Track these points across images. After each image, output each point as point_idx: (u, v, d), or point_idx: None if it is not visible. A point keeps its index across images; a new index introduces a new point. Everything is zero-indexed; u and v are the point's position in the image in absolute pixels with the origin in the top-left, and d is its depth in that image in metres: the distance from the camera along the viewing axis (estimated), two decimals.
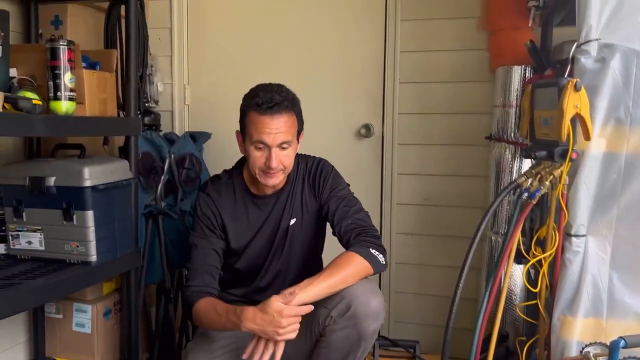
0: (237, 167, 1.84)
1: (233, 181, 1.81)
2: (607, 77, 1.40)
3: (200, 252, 1.73)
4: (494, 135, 2.19)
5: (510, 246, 1.54)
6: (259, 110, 1.62)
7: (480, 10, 2.36)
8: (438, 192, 2.50)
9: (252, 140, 1.65)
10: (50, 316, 2.10)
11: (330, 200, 1.75)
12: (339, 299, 1.54)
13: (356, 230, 1.67)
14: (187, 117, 2.78)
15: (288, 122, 1.66)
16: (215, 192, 1.78)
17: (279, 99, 1.63)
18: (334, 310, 1.54)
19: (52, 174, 1.70)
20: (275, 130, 1.63)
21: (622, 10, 1.40)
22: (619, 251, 1.46)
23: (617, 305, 1.45)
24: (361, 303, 1.52)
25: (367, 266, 1.58)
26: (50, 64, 1.63)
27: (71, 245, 1.73)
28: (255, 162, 1.67)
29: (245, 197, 1.79)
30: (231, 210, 1.78)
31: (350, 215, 1.71)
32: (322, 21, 2.59)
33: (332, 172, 1.80)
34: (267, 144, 1.63)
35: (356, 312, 1.52)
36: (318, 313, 1.56)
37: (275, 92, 1.65)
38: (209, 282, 1.70)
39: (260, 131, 1.63)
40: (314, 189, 1.79)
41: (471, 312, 2.34)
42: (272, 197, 1.79)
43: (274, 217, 1.79)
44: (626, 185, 1.43)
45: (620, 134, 1.42)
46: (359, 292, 1.54)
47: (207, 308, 1.62)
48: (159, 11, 2.70)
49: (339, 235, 1.71)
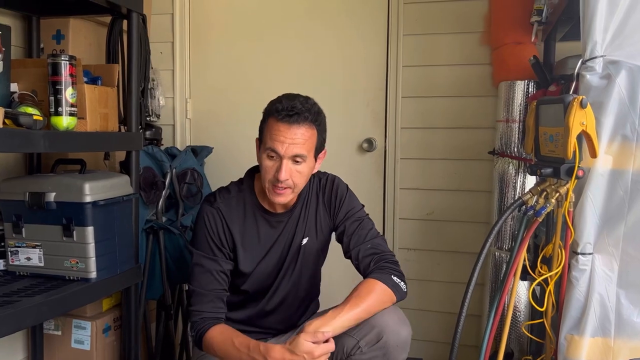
0: (247, 179, 1.72)
1: (243, 195, 1.69)
2: (613, 93, 1.39)
3: (208, 274, 1.62)
4: (497, 150, 2.18)
5: (516, 264, 1.52)
6: (278, 116, 1.54)
7: (483, 25, 2.36)
8: (441, 207, 2.49)
9: (265, 147, 1.57)
10: (49, 333, 2.07)
11: (346, 221, 1.68)
12: (369, 328, 1.50)
13: (376, 257, 1.61)
14: (189, 131, 2.78)
15: (305, 135, 1.55)
16: (225, 207, 1.66)
17: (301, 109, 1.54)
18: (362, 340, 1.51)
19: (52, 190, 1.69)
20: (290, 140, 1.53)
21: (627, 27, 1.39)
22: (626, 269, 1.43)
23: (625, 325, 1.42)
24: (392, 333, 1.49)
25: (391, 294, 1.55)
26: (51, 79, 1.62)
27: (71, 262, 1.71)
28: (265, 173, 1.58)
29: (257, 213, 1.68)
30: (241, 227, 1.67)
31: (369, 240, 1.65)
32: (324, 36, 2.59)
33: (348, 192, 1.73)
34: (278, 153, 1.54)
35: (387, 342, 1.49)
36: (342, 341, 1.52)
37: (299, 101, 1.56)
38: (219, 307, 1.61)
39: (274, 138, 1.54)
40: (329, 209, 1.72)
41: (475, 328, 2.31)
42: (285, 214, 1.70)
43: (286, 236, 1.70)
44: (633, 202, 1.41)
45: (627, 151, 1.40)
46: (390, 321, 1.51)
47: (222, 339, 1.53)
48: (161, 25, 2.71)
49: (355, 260, 1.64)
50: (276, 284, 1.73)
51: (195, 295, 1.62)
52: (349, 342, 1.52)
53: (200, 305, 1.60)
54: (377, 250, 1.64)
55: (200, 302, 1.60)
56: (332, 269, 1.95)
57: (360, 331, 1.51)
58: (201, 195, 2.29)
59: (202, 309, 1.60)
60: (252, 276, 1.71)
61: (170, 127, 2.75)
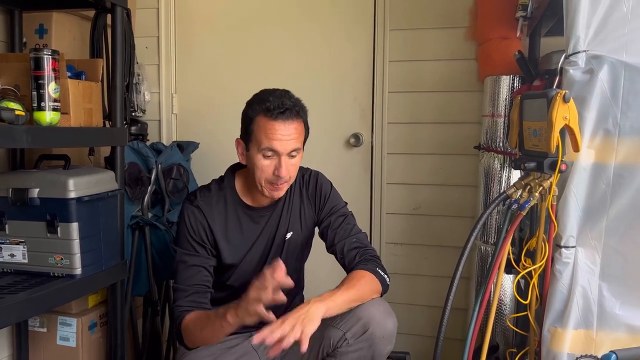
0: (228, 177, 1.72)
1: (224, 192, 1.69)
2: (595, 88, 1.40)
3: (189, 270, 1.62)
4: (482, 145, 2.19)
5: (501, 257, 1.53)
6: (270, 115, 1.53)
7: (469, 21, 2.37)
8: (427, 201, 2.50)
9: (261, 147, 1.55)
10: (34, 330, 2.06)
11: (331, 216, 1.71)
12: (355, 320, 1.50)
13: (361, 250, 1.64)
14: (175, 127, 2.76)
15: (298, 129, 1.58)
16: (205, 205, 1.66)
17: (290, 104, 1.56)
18: (349, 332, 1.51)
19: (35, 186, 1.67)
20: (287, 136, 1.55)
21: (609, 22, 1.40)
22: (608, 262, 1.45)
23: (607, 317, 1.44)
24: (378, 325, 1.50)
25: (378, 285, 1.57)
26: (34, 73, 1.61)
27: (55, 258, 1.70)
28: (262, 172, 1.57)
29: (238, 209, 1.69)
30: (223, 224, 1.67)
31: (353, 234, 1.68)
32: (311, 31, 2.59)
33: (332, 188, 1.76)
34: (277, 152, 1.55)
35: (373, 334, 1.49)
36: (328, 333, 1.52)
37: (285, 97, 1.57)
38: (200, 301, 1.60)
39: (271, 137, 1.54)
40: (314, 203, 1.73)
41: (461, 321, 2.33)
42: (268, 209, 1.70)
43: (269, 230, 1.71)
44: (615, 196, 1.42)
45: (609, 145, 1.41)
46: (376, 313, 1.51)
47: (196, 318, 1.55)
48: (147, 20, 2.68)
49: (340, 253, 1.66)
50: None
51: (178, 292, 1.63)
52: (335, 334, 1.52)
53: (181, 301, 1.61)
54: (361, 244, 1.67)
55: (181, 298, 1.61)
56: (317, 265, 1.95)
57: (346, 323, 1.51)
58: (187, 191, 2.28)
59: (183, 304, 1.60)
60: (237, 271, 1.72)
61: (156, 123, 2.73)
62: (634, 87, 1.38)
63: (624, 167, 1.41)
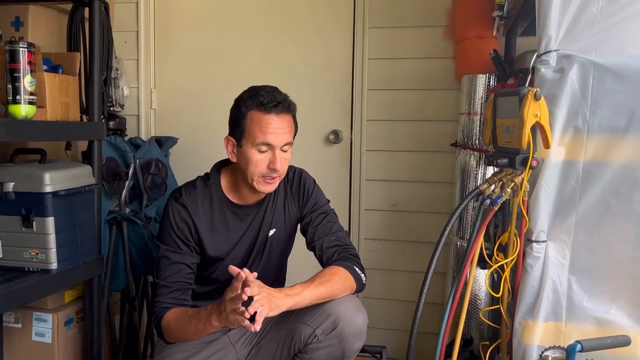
0: (214, 174, 1.71)
1: (210, 189, 1.68)
2: (566, 87, 1.43)
3: (173, 267, 1.62)
4: (459, 142, 2.23)
5: (473, 251, 1.56)
6: (264, 109, 1.55)
7: (447, 19, 2.40)
8: (405, 197, 2.53)
9: (256, 142, 1.56)
10: (9, 326, 2.03)
11: (313, 213, 1.72)
12: (325, 316, 1.51)
13: (340, 248, 1.66)
14: (154, 122, 2.75)
15: (290, 123, 1.61)
16: (190, 202, 1.65)
17: (281, 99, 1.58)
18: (318, 328, 1.52)
19: (10, 180, 1.66)
20: (281, 130, 1.57)
21: (579, 23, 1.44)
22: (577, 256, 1.49)
23: (576, 310, 1.48)
24: (348, 321, 1.51)
25: (352, 282, 1.59)
26: (9, 66, 1.59)
27: (30, 253, 1.68)
28: (256, 167, 1.57)
29: (224, 207, 1.68)
30: (208, 222, 1.67)
31: (334, 232, 1.69)
32: (290, 28, 2.60)
33: (315, 185, 1.78)
34: (272, 145, 1.56)
35: (343, 330, 1.50)
36: (299, 330, 1.54)
37: (276, 92, 1.60)
38: (181, 298, 1.61)
39: (265, 131, 1.55)
40: (297, 200, 1.75)
41: (437, 316, 2.35)
42: (254, 206, 1.71)
43: (254, 227, 1.72)
44: (584, 192, 1.46)
45: (578, 142, 1.45)
46: (345, 310, 1.52)
47: (177, 316, 1.56)
48: (126, 14, 2.67)
49: (319, 251, 1.67)
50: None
51: (160, 288, 1.63)
52: (305, 331, 1.53)
53: (162, 297, 1.61)
54: (340, 242, 1.68)
55: (163, 294, 1.61)
56: (297, 261, 1.96)
57: (316, 320, 1.52)
58: (165, 186, 2.28)
59: (164, 300, 1.60)
60: (222, 267, 1.71)
61: (135, 118, 2.72)
62: (603, 86, 1.42)
63: (593, 164, 1.45)
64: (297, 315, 1.56)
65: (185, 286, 1.63)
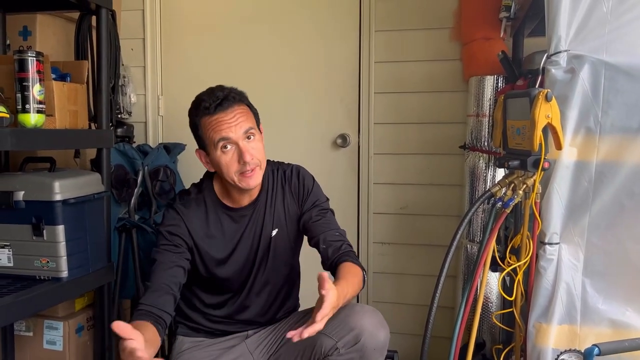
0: (206, 180, 1.72)
1: (203, 195, 1.68)
2: (577, 87, 1.42)
3: (160, 268, 1.57)
4: (468, 144, 2.22)
5: (486, 255, 1.55)
6: (209, 112, 1.56)
7: (453, 21, 2.39)
8: (414, 201, 2.52)
9: (215, 142, 1.56)
10: (20, 334, 2.04)
11: (313, 210, 1.70)
12: (347, 330, 1.49)
13: (345, 244, 1.64)
14: (161, 128, 2.75)
15: (243, 112, 1.58)
16: (184, 207, 1.65)
17: (223, 95, 1.58)
18: (340, 341, 1.49)
19: (20, 188, 1.66)
20: (234, 121, 1.56)
21: (589, 22, 1.43)
22: (591, 258, 1.47)
23: (590, 312, 1.46)
24: (370, 336, 1.49)
25: (361, 281, 1.58)
26: (18, 75, 1.60)
27: (41, 261, 1.69)
28: (229, 167, 1.57)
29: (219, 211, 1.68)
30: (203, 227, 1.66)
31: (335, 228, 1.68)
32: (296, 33, 2.60)
33: (314, 182, 1.76)
34: (231, 139, 1.55)
35: (365, 345, 1.48)
36: (320, 341, 1.51)
37: (217, 90, 1.59)
38: (158, 302, 1.50)
39: (218, 129, 1.55)
40: (297, 197, 1.73)
41: (449, 320, 2.35)
42: (248, 207, 1.70)
43: (253, 229, 1.70)
44: (597, 193, 1.45)
45: (590, 143, 1.44)
46: (369, 324, 1.50)
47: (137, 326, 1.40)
48: (132, 22, 2.68)
49: (323, 243, 1.64)
50: (252, 278, 1.72)
51: (147, 290, 1.57)
52: (327, 343, 1.51)
53: (144, 298, 1.53)
54: (344, 239, 1.67)
55: (145, 295, 1.54)
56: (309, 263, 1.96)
57: (338, 332, 1.50)
58: (174, 193, 2.28)
59: (145, 301, 1.52)
60: (225, 272, 1.70)
61: (142, 125, 2.72)
62: (614, 86, 1.40)
63: (606, 165, 1.43)
64: None
65: (166, 289, 1.55)
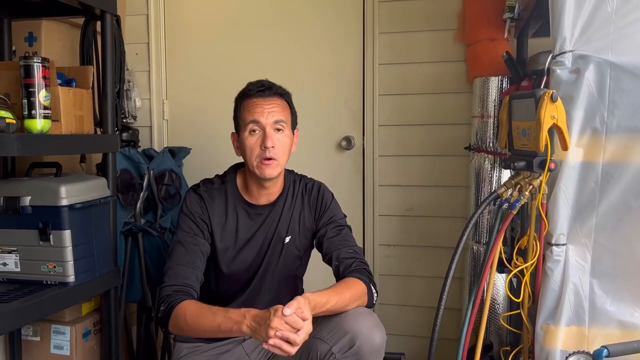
0: (231, 173, 1.77)
1: (226, 187, 1.73)
2: (582, 87, 1.42)
3: (184, 250, 1.62)
4: (473, 146, 2.21)
5: (493, 256, 1.54)
6: (250, 93, 1.65)
7: (457, 23, 2.39)
8: (419, 202, 2.51)
9: (246, 123, 1.63)
10: (28, 339, 2.04)
11: (329, 226, 1.72)
12: (341, 334, 1.48)
13: (358, 261, 1.64)
14: (166, 132, 2.76)
15: (280, 104, 1.66)
16: (207, 194, 1.70)
17: (269, 84, 1.68)
18: (335, 346, 1.48)
19: (27, 194, 1.66)
20: (268, 108, 1.63)
21: (594, 22, 1.43)
22: (598, 259, 1.47)
23: (598, 313, 1.46)
24: (365, 339, 1.47)
25: (365, 298, 1.56)
26: (24, 81, 1.60)
27: (48, 266, 1.69)
28: (252, 151, 1.62)
29: (237, 204, 1.71)
30: (221, 216, 1.69)
31: (351, 246, 1.69)
32: (300, 36, 2.60)
33: (333, 199, 1.78)
34: (260, 123, 1.61)
35: (360, 349, 1.46)
36: (315, 346, 1.50)
37: (264, 81, 1.69)
38: (193, 284, 1.57)
39: (252, 111, 1.63)
40: (314, 211, 1.75)
41: (455, 322, 2.34)
42: (266, 207, 1.72)
43: (265, 231, 1.72)
44: (604, 193, 1.44)
45: (597, 143, 1.44)
46: (363, 327, 1.48)
47: (198, 307, 1.50)
48: (136, 26, 2.68)
49: (336, 260, 1.65)
50: (256, 279, 1.72)
51: (170, 271, 1.60)
52: (321, 348, 1.49)
53: (175, 279, 1.57)
54: (358, 256, 1.67)
55: (174, 276, 1.58)
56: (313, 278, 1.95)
57: (333, 336, 1.49)
58: (180, 197, 2.28)
59: (177, 282, 1.56)
60: (231, 268, 1.71)
61: (147, 129, 2.73)
62: (620, 86, 1.40)
63: (612, 165, 1.43)
64: (314, 330, 1.52)
65: (198, 272, 1.61)
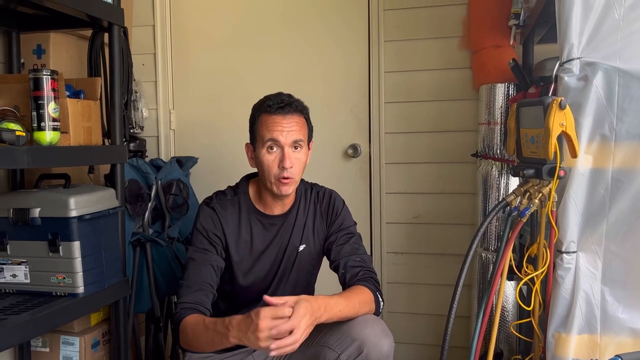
0: (243, 183, 1.77)
1: (239, 198, 1.73)
2: (591, 94, 1.42)
3: (196, 266, 1.63)
4: (480, 152, 2.21)
5: (503, 264, 1.54)
6: (270, 110, 1.63)
7: (462, 30, 2.39)
8: (426, 210, 2.51)
9: (264, 141, 1.62)
10: (37, 350, 2.04)
11: (339, 232, 1.73)
12: (349, 341, 1.48)
13: (365, 270, 1.64)
14: (173, 142, 2.77)
15: (299, 122, 1.65)
16: (220, 207, 1.70)
17: (289, 101, 1.65)
18: (343, 353, 1.48)
19: (36, 205, 1.67)
20: (287, 127, 1.62)
21: (602, 29, 1.42)
22: (609, 266, 1.46)
23: (610, 321, 1.45)
24: (373, 346, 1.47)
25: (372, 306, 1.56)
26: (33, 94, 1.61)
27: (57, 277, 1.69)
28: (269, 168, 1.62)
29: (251, 215, 1.72)
30: (235, 228, 1.70)
31: (359, 254, 1.69)
32: (307, 44, 2.61)
33: (345, 207, 1.79)
34: (279, 142, 1.61)
35: (368, 356, 1.46)
36: (324, 354, 1.51)
37: (284, 95, 1.67)
38: (202, 300, 1.58)
39: (272, 129, 1.61)
40: (326, 218, 1.76)
41: (464, 329, 2.33)
42: (280, 217, 1.73)
43: (280, 241, 1.73)
44: (614, 200, 1.44)
45: (606, 150, 1.43)
46: (371, 334, 1.48)
47: (194, 322, 1.51)
48: (143, 37, 2.70)
49: (342, 268, 1.65)
50: (272, 288, 1.73)
51: (183, 288, 1.61)
52: (330, 355, 1.50)
53: (184, 297, 1.58)
54: (365, 265, 1.67)
55: (185, 294, 1.59)
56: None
57: (341, 344, 1.49)
58: (187, 206, 2.29)
59: (186, 300, 1.58)
60: (246, 280, 1.71)
61: (155, 139, 2.74)
62: (629, 93, 1.40)
63: (622, 172, 1.42)
64: (322, 338, 1.54)
65: (207, 287, 1.61)
